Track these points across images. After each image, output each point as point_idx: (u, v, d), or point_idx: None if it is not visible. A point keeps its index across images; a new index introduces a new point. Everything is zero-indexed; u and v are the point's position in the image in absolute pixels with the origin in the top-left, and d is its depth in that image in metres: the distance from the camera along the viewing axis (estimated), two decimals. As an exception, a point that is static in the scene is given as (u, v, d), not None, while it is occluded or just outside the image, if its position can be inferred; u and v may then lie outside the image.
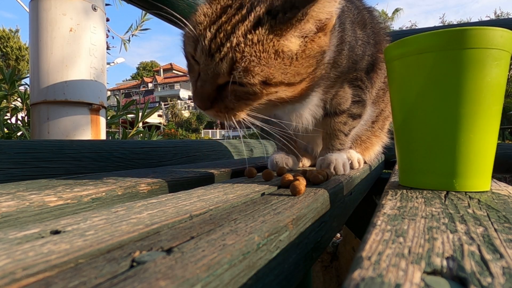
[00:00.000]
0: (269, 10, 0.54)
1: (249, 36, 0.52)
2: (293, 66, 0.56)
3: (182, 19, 0.59)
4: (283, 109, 0.66)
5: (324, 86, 0.74)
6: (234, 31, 0.53)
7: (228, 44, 0.53)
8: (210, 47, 0.54)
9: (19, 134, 2.25)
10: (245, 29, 0.53)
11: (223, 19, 0.54)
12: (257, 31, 0.53)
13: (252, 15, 0.53)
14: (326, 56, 0.63)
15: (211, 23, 0.55)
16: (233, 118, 0.60)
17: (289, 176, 0.56)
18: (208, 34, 0.54)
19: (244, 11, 0.54)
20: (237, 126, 0.63)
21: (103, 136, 1.70)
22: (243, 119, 0.62)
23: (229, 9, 0.55)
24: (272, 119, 0.67)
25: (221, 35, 0.53)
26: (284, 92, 0.58)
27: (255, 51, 0.53)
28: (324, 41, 0.59)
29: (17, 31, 20.53)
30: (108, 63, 3.69)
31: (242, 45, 0.52)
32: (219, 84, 0.56)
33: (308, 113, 0.79)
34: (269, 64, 0.53)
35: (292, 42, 0.55)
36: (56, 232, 0.28)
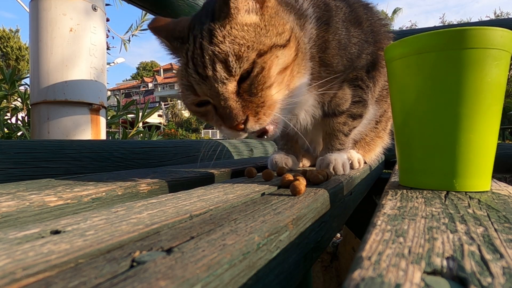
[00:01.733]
0: (212, 19, 0.59)
1: (214, 40, 0.57)
2: (269, 29, 0.60)
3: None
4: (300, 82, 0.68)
5: (319, 85, 0.74)
6: (203, 48, 0.57)
7: (207, 57, 0.57)
8: (199, 74, 0.58)
9: (19, 134, 2.25)
10: (207, 41, 0.57)
11: (189, 54, 0.60)
12: (216, 34, 0.57)
13: (204, 32, 0.58)
14: (286, 12, 0.67)
15: (186, 65, 0.60)
16: (270, 110, 0.61)
17: (289, 176, 0.55)
18: (191, 70, 0.59)
19: (198, 36, 0.59)
20: (274, 127, 0.64)
21: (103, 136, 1.70)
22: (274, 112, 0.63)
23: (189, 47, 0.60)
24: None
25: (198, 59, 0.58)
26: (284, 56, 0.61)
27: (229, 42, 0.56)
28: (273, 3, 0.64)
29: (17, 31, 20.54)
30: (108, 63, 3.69)
31: (216, 47, 0.56)
32: (234, 92, 0.59)
33: (305, 113, 0.79)
34: (248, 39, 0.57)
35: (246, 18, 0.59)
36: (56, 232, 0.28)
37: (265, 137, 0.65)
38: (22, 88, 2.58)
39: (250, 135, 0.64)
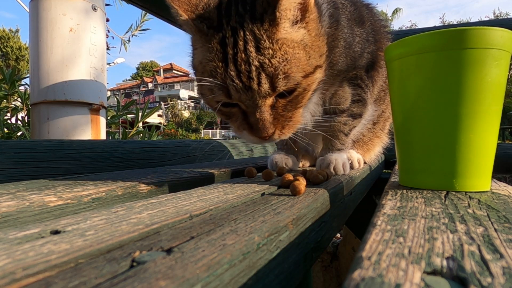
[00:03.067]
0: (253, 19, 0.54)
1: (264, 51, 0.53)
2: (315, 50, 0.59)
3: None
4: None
5: (322, 84, 0.74)
6: (249, 55, 0.52)
7: (254, 68, 0.52)
8: (242, 82, 0.53)
9: (19, 134, 2.25)
10: (254, 47, 0.53)
11: (230, 51, 0.53)
12: (264, 43, 0.53)
13: (247, 32, 0.53)
14: (323, 26, 0.65)
15: (225, 62, 0.54)
16: (294, 126, 0.61)
17: (289, 176, 0.55)
18: (232, 73, 0.53)
19: (241, 33, 0.53)
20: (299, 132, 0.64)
21: (103, 136, 1.70)
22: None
23: (227, 40, 0.54)
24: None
25: (243, 66, 0.53)
26: (320, 74, 0.61)
27: (280, 57, 0.53)
28: (315, 16, 0.62)
29: (17, 31, 20.54)
30: (108, 63, 3.69)
31: (266, 59, 0.53)
32: (270, 105, 0.57)
33: (308, 112, 0.79)
34: (299, 59, 0.55)
35: (294, 32, 0.57)
36: (56, 232, 0.28)
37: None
38: (22, 88, 2.58)
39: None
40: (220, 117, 0.64)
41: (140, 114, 2.59)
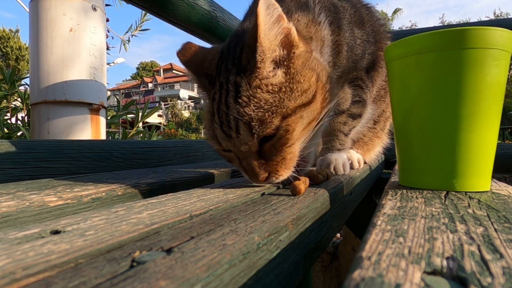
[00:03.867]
0: (239, 71, 0.56)
1: (240, 100, 0.55)
2: (294, 88, 0.57)
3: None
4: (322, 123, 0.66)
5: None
6: (228, 106, 0.56)
7: (232, 117, 0.55)
8: (224, 131, 0.57)
9: (19, 134, 2.25)
10: (233, 99, 0.55)
11: (215, 106, 0.58)
12: (242, 92, 0.55)
13: (230, 85, 0.56)
14: (316, 54, 0.64)
15: (212, 114, 0.59)
16: (291, 165, 0.60)
17: (291, 175, 0.56)
18: (217, 125, 0.58)
19: (224, 87, 0.57)
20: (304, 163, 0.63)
21: (103, 136, 1.70)
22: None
23: (215, 95, 0.58)
24: None
25: (224, 117, 0.56)
26: (309, 113, 0.59)
27: (254, 105, 0.54)
28: (302, 51, 0.60)
29: (17, 31, 20.54)
30: (108, 63, 3.69)
31: (241, 109, 0.54)
32: (256, 151, 0.58)
33: None
34: (272, 104, 0.55)
35: (273, 76, 0.56)
36: (56, 232, 0.28)
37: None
38: (22, 88, 2.58)
39: None
40: (224, 158, 0.66)
41: (140, 114, 2.59)
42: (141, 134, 2.68)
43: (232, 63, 0.58)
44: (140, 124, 2.65)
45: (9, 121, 2.46)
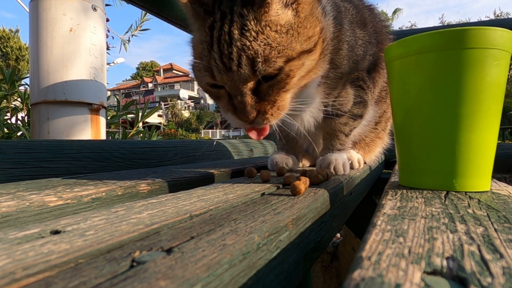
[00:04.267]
0: (244, 2, 0.55)
1: (247, 34, 0.53)
2: (301, 32, 0.57)
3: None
4: (312, 85, 0.66)
5: (325, 87, 0.74)
6: (232, 37, 0.54)
7: (235, 49, 0.54)
8: (223, 63, 0.55)
9: (19, 134, 2.25)
10: (239, 30, 0.54)
11: (216, 35, 0.56)
12: (249, 26, 0.54)
13: (235, 15, 0.55)
14: (322, 13, 0.64)
15: (210, 44, 0.57)
16: (279, 112, 0.60)
17: (292, 176, 0.56)
18: (215, 55, 0.55)
19: (228, 17, 0.55)
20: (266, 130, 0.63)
21: (103, 136, 1.70)
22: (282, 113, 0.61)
23: (215, 24, 0.56)
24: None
25: (225, 47, 0.54)
26: (309, 62, 0.59)
27: (261, 41, 0.54)
28: None
29: (17, 31, 20.54)
30: (108, 63, 3.69)
31: (247, 42, 0.53)
32: (252, 89, 0.57)
33: (309, 115, 0.79)
34: (280, 43, 0.55)
35: (282, 14, 0.56)
36: (56, 232, 0.28)
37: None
38: (22, 88, 2.58)
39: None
40: (211, 98, 0.65)
41: (140, 114, 2.59)
42: (141, 134, 2.68)
43: None
44: (140, 124, 2.65)
45: (9, 121, 2.46)
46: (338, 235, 1.95)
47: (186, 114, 27.41)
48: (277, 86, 0.57)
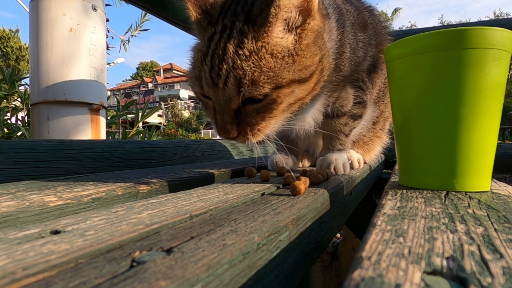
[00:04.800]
0: (247, 19, 0.54)
1: (241, 52, 0.52)
2: (297, 61, 0.55)
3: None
4: (300, 109, 0.65)
5: (327, 90, 0.74)
6: (226, 52, 0.53)
7: (225, 66, 0.53)
8: (211, 77, 0.54)
9: (19, 134, 2.25)
10: (234, 47, 0.53)
11: (212, 47, 0.55)
12: (245, 44, 0.52)
13: (235, 31, 0.54)
14: (326, 38, 0.62)
15: (205, 56, 0.56)
16: (260, 134, 0.59)
17: (292, 176, 0.56)
18: (206, 67, 0.55)
19: (227, 31, 0.54)
20: (266, 141, 0.62)
21: (103, 136, 1.70)
22: (267, 135, 0.61)
23: (214, 36, 0.55)
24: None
25: (216, 61, 0.54)
26: (300, 91, 0.57)
27: (252, 63, 0.52)
28: (316, 24, 0.58)
29: (17, 31, 20.54)
30: (108, 63, 3.69)
31: (238, 61, 0.52)
32: (235, 109, 0.56)
33: (311, 117, 0.79)
34: (272, 68, 0.53)
35: (282, 38, 0.54)
36: (56, 232, 0.28)
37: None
38: (22, 88, 2.58)
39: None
40: (201, 105, 0.64)
41: (140, 114, 2.59)
42: (141, 134, 2.68)
43: (242, 8, 0.55)
44: (140, 124, 2.65)
45: (9, 121, 2.46)
46: (338, 235, 1.95)
47: (186, 114, 27.41)
48: (263, 110, 0.56)
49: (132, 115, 2.68)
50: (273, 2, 0.51)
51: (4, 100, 2.39)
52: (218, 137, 0.64)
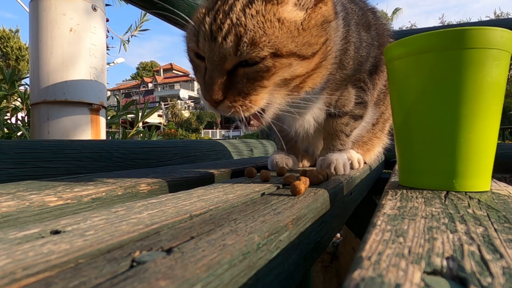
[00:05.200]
0: None
1: (248, 10, 0.51)
2: (302, 35, 0.55)
3: (185, 17, 0.59)
4: (305, 106, 0.64)
5: (330, 88, 0.74)
6: (232, 9, 0.52)
7: (228, 21, 0.51)
8: (211, 30, 0.53)
9: (19, 134, 2.25)
10: (242, 5, 0.52)
11: (219, 2, 0.54)
12: (254, 4, 0.52)
13: None
14: (333, 26, 0.62)
15: (209, 10, 0.55)
16: (250, 106, 0.56)
17: (292, 176, 0.56)
18: (208, 20, 0.53)
19: None
20: (256, 123, 0.60)
21: (103, 136, 1.70)
22: (260, 111, 0.58)
23: None
24: (275, 122, 0.66)
25: (220, 16, 0.52)
26: (298, 67, 0.56)
27: (257, 22, 0.51)
28: (327, 10, 0.59)
29: (17, 31, 20.53)
30: (108, 63, 3.69)
31: (243, 18, 0.51)
32: (228, 70, 0.54)
33: (312, 115, 0.79)
34: (275, 33, 0.52)
35: (293, 12, 0.55)
36: (56, 232, 0.28)
37: (248, 126, 0.61)
38: (22, 88, 2.58)
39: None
40: (192, 69, 0.63)
41: (140, 114, 2.59)
42: (141, 134, 2.68)
43: None
44: (140, 124, 2.65)
45: (9, 121, 2.46)
46: (338, 235, 1.95)
47: (186, 114, 27.40)
48: (254, 77, 0.54)
49: (132, 115, 2.68)
50: None
51: (4, 100, 2.39)
52: (219, 135, 0.63)
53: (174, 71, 38.30)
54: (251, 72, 0.54)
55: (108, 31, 3.12)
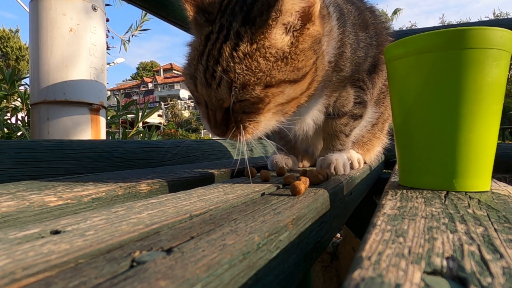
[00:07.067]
0: (245, 20, 0.54)
1: (235, 54, 0.53)
2: (290, 64, 0.55)
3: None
4: (299, 109, 0.65)
5: (328, 90, 0.74)
6: (221, 55, 0.53)
7: (220, 68, 0.53)
8: (205, 78, 0.55)
9: (19, 134, 2.25)
10: (230, 49, 0.53)
11: (208, 46, 0.55)
12: (240, 46, 0.53)
13: (232, 32, 0.54)
14: (324, 44, 0.63)
15: (201, 55, 0.56)
16: (252, 132, 0.60)
17: (292, 176, 0.56)
18: (201, 67, 0.56)
19: (224, 32, 0.54)
20: (264, 138, 0.63)
21: (103, 136, 1.70)
22: (254, 134, 0.61)
23: (211, 35, 0.56)
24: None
25: (211, 63, 0.54)
26: (291, 91, 0.57)
27: (245, 66, 0.53)
28: (315, 30, 0.59)
29: (17, 31, 20.53)
30: (108, 63, 3.69)
31: (231, 64, 0.52)
32: (226, 108, 0.57)
33: (311, 117, 0.79)
34: (263, 71, 0.53)
35: (278, 40, 0.55)
36: (56, 232, 0.28)
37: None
38: (22, 88, 2.58)
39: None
40: (194, 99, 0.65)
41: (140, 114, 2.59)
42: (141, 134, 2.68)
43: (240, 7, 0.54)
44: (140, 124, 2.65)
45: (9, 121, 2.46)
46: (338, 235, 1.95)
47: (186, 114, 27.39)
48: (251, 108, 0.56)
49: (132, 115, 2.68)
50: (275, 5, 0.51)
51: (4, 100, 2.39)
52: (210, 134, 0.64)
53: (174, 71, 38.28)
54: (246, 106, 0.57)
55: (108, 31, 3.12)
